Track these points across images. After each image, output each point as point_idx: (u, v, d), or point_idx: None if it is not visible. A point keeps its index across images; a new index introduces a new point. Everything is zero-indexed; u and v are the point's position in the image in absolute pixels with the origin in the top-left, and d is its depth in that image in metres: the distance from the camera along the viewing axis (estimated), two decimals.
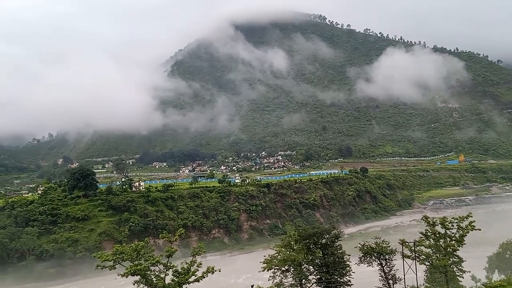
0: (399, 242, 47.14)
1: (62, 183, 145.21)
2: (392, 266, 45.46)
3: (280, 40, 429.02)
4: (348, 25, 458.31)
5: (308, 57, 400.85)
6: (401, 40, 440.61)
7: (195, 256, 37.50)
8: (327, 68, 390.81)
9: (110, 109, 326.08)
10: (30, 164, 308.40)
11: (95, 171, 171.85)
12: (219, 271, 37.04)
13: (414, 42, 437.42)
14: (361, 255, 45.79)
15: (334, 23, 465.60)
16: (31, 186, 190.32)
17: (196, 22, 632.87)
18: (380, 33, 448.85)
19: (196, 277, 36.14)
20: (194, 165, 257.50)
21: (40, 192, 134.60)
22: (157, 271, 36.04)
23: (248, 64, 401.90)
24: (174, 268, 36.32)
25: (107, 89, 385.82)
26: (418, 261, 45.66)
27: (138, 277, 35.06)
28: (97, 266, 36.21)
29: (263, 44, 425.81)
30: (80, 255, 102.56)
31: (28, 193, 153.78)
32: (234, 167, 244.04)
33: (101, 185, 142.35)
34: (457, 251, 45.04)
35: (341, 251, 45.59)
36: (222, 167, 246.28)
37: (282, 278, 43.38)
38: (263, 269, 43.73)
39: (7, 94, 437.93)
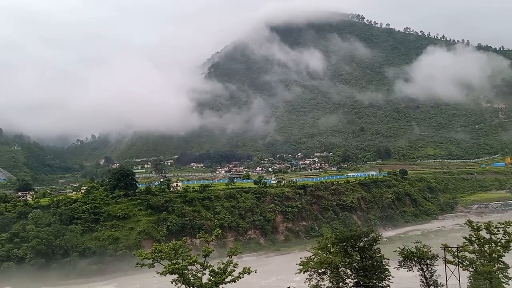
0: (441, 247, 45.71)
1: (104, 182, 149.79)
2: (434, 272, 44.08)
3: (316, 40, 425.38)
4: (387, 24, 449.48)
5: (345, 58, 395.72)
6: (443, 38, 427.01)
7: (231, 257, 37.70)
8: (364, 68, 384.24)
9: (149, 111, 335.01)
10: (74, 164, 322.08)
11: (135, 171, 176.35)
12: (255, 272, 37.04)
13: (457, 41, 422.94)
14: (401, 259, 44.69)
15: (372, 22, 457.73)
16: (75, 185, 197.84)
17: (233, 25, 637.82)
18: (421, 31, 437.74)
19: (233, 278, 36.33)
20: (230, 166, 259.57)
21: (83, 191, 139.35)
22: (194, 271, 36.49)
23: (284, 65, 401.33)
24: (211, 268, 36.65)
25: (146, 91, 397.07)
26: (461, 267, 44.08)
27: (176, 275, 35.64)
28: (137, 264, 37.13)
29: (299, 45, 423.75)
30: (121, 253, 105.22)
31: (72, 192, 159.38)
32: (270, 168, 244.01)
33: (140, 185, 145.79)
34: (503, 257, 43.14)
35: (379, 254, 44.55)
36: (258, 168, 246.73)
37: (318, 280, 42.90)
38: (299, 271, 43.46)
39: (53, 97, 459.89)
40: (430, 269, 43.94)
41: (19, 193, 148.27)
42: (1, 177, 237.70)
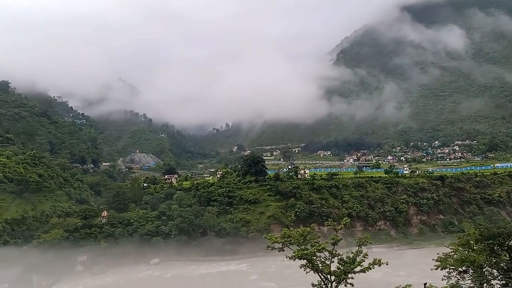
0: None
1: (237, 168, 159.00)
2: None
3: (454, 17, 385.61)
4: None
5: (491, 34, 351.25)
6: None
7: (360, 246, 36.58)
8: None
9: (278, 100, 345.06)
10: (210, 151, 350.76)
11: (264, 158, 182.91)
12: (386, 264, 35.38)
13: None
14: None
15: None
16: (211, 170, 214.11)
17: (363, 8, 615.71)
18: None
19: (362, 268, 35.22)
20: (358, 155, 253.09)
21: (219, 176, 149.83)
22: (322, 258, 36.37)
23: (418, 46, 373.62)
24: (339, 256, 36.11)
25: (276, 81, 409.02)
26: None
27: (305, 261, 35.96)
28: (267, 247, 38.40)
29: (435, 24, 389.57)
30: (252, 235, 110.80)
31: (209, 177, 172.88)
32: (402, 158, 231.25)
33: (269, 172, 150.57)
34: None
35: None
36: (389, 157, 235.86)
37: (458, 279, 39.25)
38: (436, 267, 40.43)
39: (194, 91, 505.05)
40: None
41: (166, 176, 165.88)
42: (151, 162, 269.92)
